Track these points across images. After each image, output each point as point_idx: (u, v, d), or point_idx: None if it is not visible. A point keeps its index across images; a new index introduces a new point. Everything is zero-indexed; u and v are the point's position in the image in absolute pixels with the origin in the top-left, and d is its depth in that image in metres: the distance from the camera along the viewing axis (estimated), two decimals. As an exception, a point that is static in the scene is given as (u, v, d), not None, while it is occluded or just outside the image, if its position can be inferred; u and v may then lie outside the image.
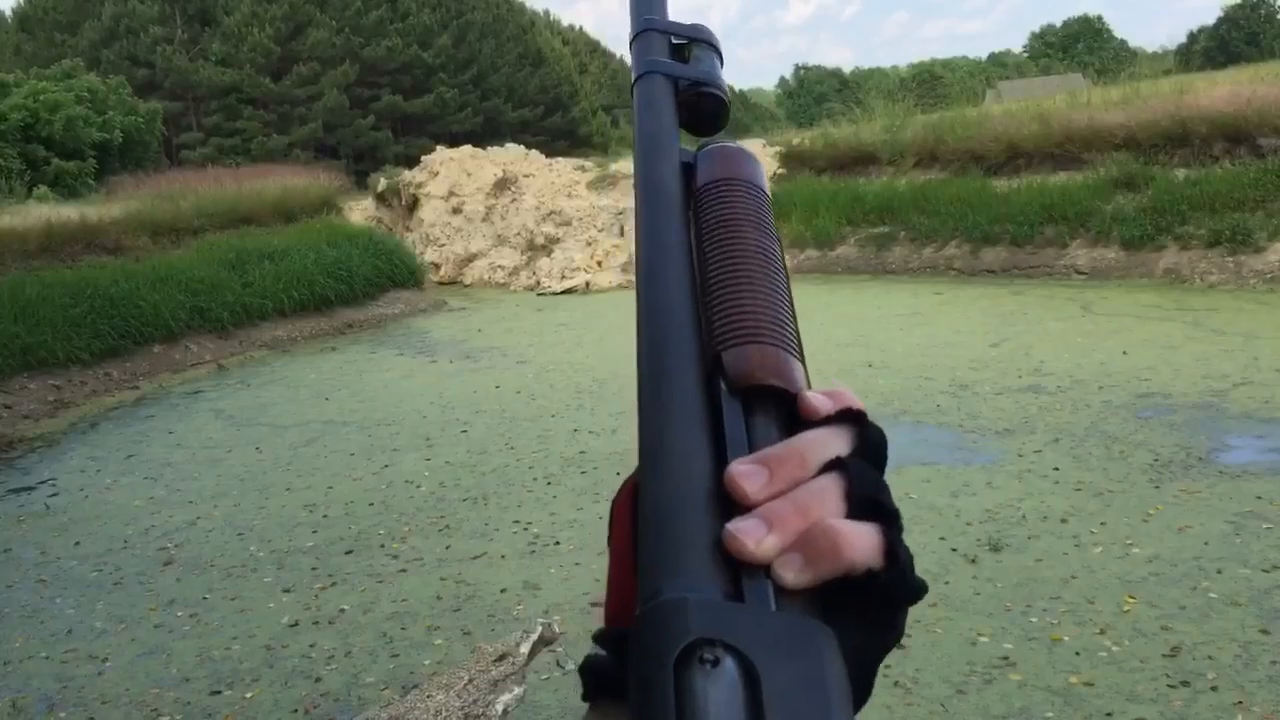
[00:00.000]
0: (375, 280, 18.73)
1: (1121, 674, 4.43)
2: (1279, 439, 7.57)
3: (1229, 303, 13.13)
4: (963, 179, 19.26)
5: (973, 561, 5.75)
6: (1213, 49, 66.37)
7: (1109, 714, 4.16)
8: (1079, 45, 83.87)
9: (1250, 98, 16.72)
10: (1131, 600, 5.11)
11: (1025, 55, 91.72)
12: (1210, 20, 78.34)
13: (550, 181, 23.68)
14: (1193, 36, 74.58)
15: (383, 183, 25.79)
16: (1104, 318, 12.78)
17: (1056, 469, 7.26)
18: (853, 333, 13.03)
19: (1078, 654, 4.66)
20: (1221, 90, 17.96)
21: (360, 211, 25.54)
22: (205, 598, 6.19)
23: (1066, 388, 9.49)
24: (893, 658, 3.81)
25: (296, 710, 4.75)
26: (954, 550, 5.93)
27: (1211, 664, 4.46)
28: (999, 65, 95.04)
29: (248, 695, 4.93)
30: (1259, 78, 19.56)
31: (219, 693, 4.97)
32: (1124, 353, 10.66)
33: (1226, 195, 15.36)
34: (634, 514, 0.42)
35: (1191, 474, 6.94)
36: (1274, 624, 4.77)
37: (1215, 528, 5.96)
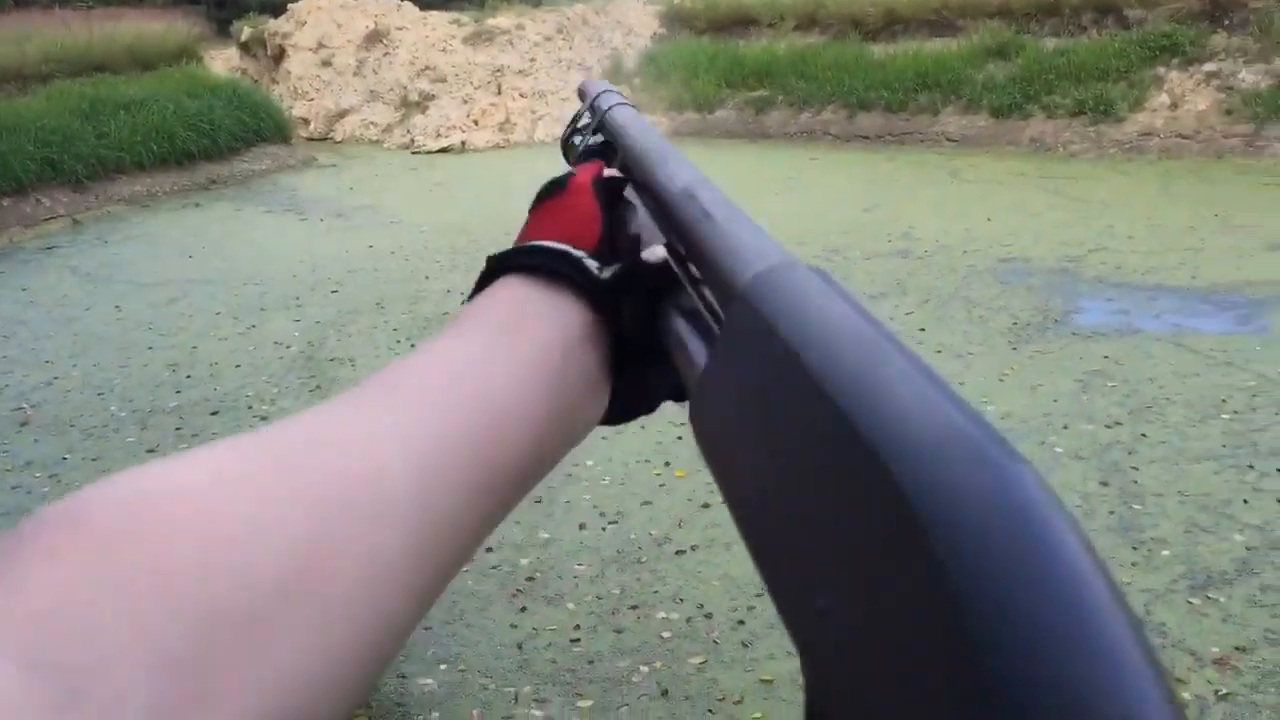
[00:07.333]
0: (240, 134, 17.86)
1: (970, 522, 4.66)
2: (1127, 301, 7.93)
3: (1089, 171, 13.54)
4: (841, 43, 19.23)
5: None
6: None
7: (957, 559, 4.39)
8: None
9: (1121, -31, 16.96)
10: (983, 454, 5.36)
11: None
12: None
13: (425, 35, 22.85)
14: (1071, -95, 74.96)
15: (246, 31, 24.49)
16: (971, 185, 13.07)
17: (922, 330, 7.49)
18: (729, 197, 13.06)
19: (931, 504, 4.87)
20: (1094, -40, 18.17)
21: (224, 61, 24.30)
22: (65, 458, 6.03)
23: (933, 252, 9.73)
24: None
25: (164, 568, 4.70)
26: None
27: (1053, 512, 4.73)
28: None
29: (112, 554, 4.85)
30: (1131, -51, 19.83)
31: (82, 552, 4.88)
32: (988, 219, 10.95)
33: (1092, 66, 15.68)
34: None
35: (1046, 336, 7.24)
36: (1113, 476, 5.07)
37: (1065, 386, 6.26)
